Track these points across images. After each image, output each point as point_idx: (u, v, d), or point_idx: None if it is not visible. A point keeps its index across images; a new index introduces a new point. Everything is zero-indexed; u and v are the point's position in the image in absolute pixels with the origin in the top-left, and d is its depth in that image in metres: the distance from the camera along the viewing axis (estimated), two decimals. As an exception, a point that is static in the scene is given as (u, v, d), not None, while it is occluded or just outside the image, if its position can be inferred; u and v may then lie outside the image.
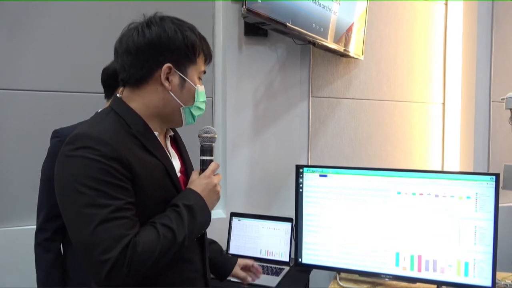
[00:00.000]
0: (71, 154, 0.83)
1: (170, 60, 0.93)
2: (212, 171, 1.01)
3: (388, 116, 2.49)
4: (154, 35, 0.92)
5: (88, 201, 0.80)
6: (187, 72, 0.96)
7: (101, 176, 0.81)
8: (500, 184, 1.51)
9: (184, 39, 0.94)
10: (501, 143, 2.48)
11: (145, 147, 0.92)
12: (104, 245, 0.78)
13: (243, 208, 2.10)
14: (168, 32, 0.93)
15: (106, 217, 0.79)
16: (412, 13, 2.53)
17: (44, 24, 1.80)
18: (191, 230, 0.90)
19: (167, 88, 0.94)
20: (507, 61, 2.52)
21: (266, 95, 2.16)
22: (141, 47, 0.93)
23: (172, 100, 0.96)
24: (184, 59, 0.95)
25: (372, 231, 1.66)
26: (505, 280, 1.64)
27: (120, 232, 0.80)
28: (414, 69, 2.56)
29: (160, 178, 0.93)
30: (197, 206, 0.93)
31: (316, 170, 1.76)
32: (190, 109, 0.98)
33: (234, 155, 2.12)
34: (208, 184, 0.98)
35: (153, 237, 0.84)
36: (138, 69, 0.94)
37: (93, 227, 0.78)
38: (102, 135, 0.85)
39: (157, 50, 0.93)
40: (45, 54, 1.80)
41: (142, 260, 0.81)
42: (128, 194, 0.84)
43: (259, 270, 1.38)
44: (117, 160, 0.83)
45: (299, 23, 1.82)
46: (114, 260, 0.77)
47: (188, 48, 0.94)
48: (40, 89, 1.80)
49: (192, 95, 0.98)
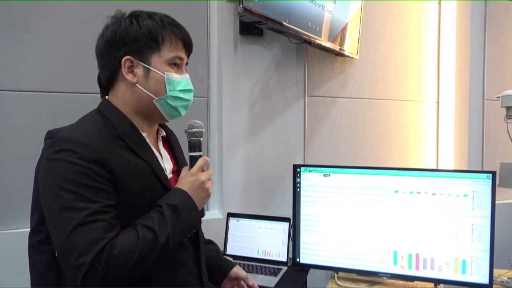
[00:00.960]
0: (52, 158, 0.83)
1: (129, 52, 0.92)
2: (199, 167, 0.98)
3: (383, 115, 2.49)
4: (109, 33, 0.93)
5: (66, 204, 0.79)
6: (150, 61, 0.93)
7: (79, 179, 0.80)
8: (496, 182, 1.52)
9: (140, 28, 0.91)
10: (494, 141, 2.50)
11: (131, 148, 0.90)
12: (80, 249, 0.77)
13: (240, 208, 2.09)
14: (122, 26, 0.92)
15: (82, 221, 0.78)
16: (406, 12, 2.54)
17: (41, 25, 1.77)
18: (176, 231, 0.88)
19: (132, 81, 0.92)
20: (500, 59, 2.54)
21: (262, 94, 2.15)
22: (101, 48, 0.94)
23: (142, 93, 0.93)
24: (145, 48, 0.92)
25: (369, 230, 1.66)
26: (501, 277, 1.65)
27: (96, 235, 0.78)
28: (408, 68, 2.57)
29: (146, 179, 0.91)
30: (183, 205, 0.91)
31: (313, 170, 1.76)
32: (165, 100, 0.95)
33: (230, 155, 2.10)
34: (195, 182, 0.95)
35: (131, 238, 0.82)
36: (105, 70, 0.95)
37: (69, 231, 0.77)
38: (83, 137, 0.84)
39: (114, 46, 0.92)
40: (43, 55, 1.78)
41: (119, 263, 0.79)
42: (107, 196, 0.83)
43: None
44: (96, 163, 0.82)
45: (295, 22, 1.82)
46: (89, 264, 0.76)
47: (145, 36, 0.91)
48: (38, 90, 1.78)
49: (161, 84, 0.94)
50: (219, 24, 2.08)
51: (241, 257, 1.90)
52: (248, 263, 1.86)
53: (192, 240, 1.02)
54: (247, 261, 1.88)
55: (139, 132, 0.95)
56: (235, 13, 2.03)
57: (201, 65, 2.12)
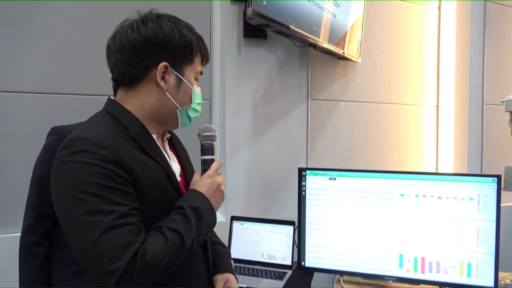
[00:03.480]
0: (68, 160, 0.79)
1: (166, 59, 0.90)
2: (215, 170, 0.98)
3: (384, 118, 2.51)
4: (150, 32, 0.89)
5: (90, 208, 0.76)
6: (184, 72, 0.93)
7: (101, 180, 0.77)
8: (501, 186, 1.53)
9: (181, 38, 0.91)
10: (494, 145, 2.53)
11: (144, 150, 0.88)
12: (111, 254, 0.74)
13: (243, 212, 2.08)
14: (164, 30, 0.90)
15: (110, 224, 0.75)
16: (407, 17, 2.57)
17: (42, 26, 1.74)
18: (199, 233, 0.87)
19: (163, 88, 0.91)
20: (499, 64, 2.58)
21: (265, 97, 2.15)
22: (136, 45, 0.89)
23: (168, 101, 0.92)
24: (181, 58, 0.92)
25: (375, 233, 1.66)
26: (504, 280, 1.66)
27: (127, 239, 0.76)
28: (409, 72, 2.59)
29: (161, 182, 0.89)
30: (203, 208, 0.90)
31: (319, 173, 1.76)
32: (187, 111, 0.95)
33: (233, 158, 2.09)
34: (212, 184, 0.94)
35: (161, 243, 0.80)
36: (132, 67, 0.90)
37: (98, 236, 0.74)
38: (99, 137, 0.81)
39: (153, 48, 0.89)
40: (44, 56, 1.75)
41: (152, 268, 0.77)
42: (131, 199, 0.81)
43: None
44: (116, 164, 0.79)
45: (300, 25, 1.82)
46: (123, 270, 0.73)
47: (185, 47, 0.91)
48: (39, 91, 1.75)
49: (189, 96, 0.95)
50: (223, 27, 2.07)
51: (245, 261, 1.88)
52: (253, 267, 1.85)
53: (202, 245, 1.00)
54: (252, 264, 1.87)
55: (149, 133, 0.93)
56: (239, 15, 2.03)
57: (204, 67, 2.10)
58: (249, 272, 1.80)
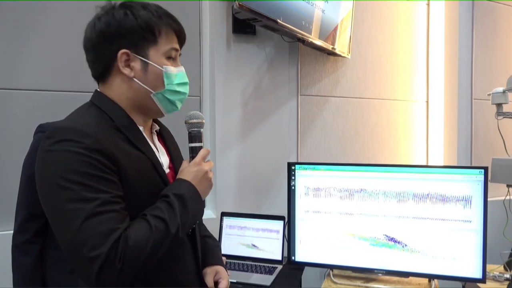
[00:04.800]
0: (51, 148, 0.78)
1: (125, 45, 0.88)
2: (202, 157, 0.96)
3: (374, 114, 2.52)
4: (103, 25, 0.88)
5: (73, 196, 0.75)
6: (148, 54, 0.90)
7: (85, 169, 0.76)
8: (488, 178, 1.54)
9: (136, 20, 0.88)
10: (482, 138, 2.55)
11: (130, 140, 0.88)
12: (93, 241, 0.73)
13: (234, 208, 2.08)
14: (116, 18, 0.88)
15: (92, 212, 0.74)
16: (396, 13, 2.58)
17: (39, 23, 1.75)
18: (184, 221, 0.86)
19: (129, 76, 0.90)
20: (487, 59, 2.60)
21: (254, 93, 2.15)
22: (94, 41, 0.89)
23: (139, 88, 0.91)
24: (142, 41, 0.89)
25: (364, 227, 1.67)
26: (493, 272, 1.67)
27: (109, 226, 0.75)
28: (398, 68, 2.60)
29: (147, 172, 0.89)
30: (189, 195, 0.89)
31: (308, 167, 1.76)
32: (163, 94, 0.92)
33: (223, 154, 2.09)
34: (198, 172, 0.93)
35: (145, 229, 0.79)
36: (98, 63, 0.91)
37: (80, 223, 0.74)
38: (83, 127, 0.81)
39: (109, 39, 0.88)
40: (42, 53, 1.75)
41: (135, 254, 0.77)
42: (115, 187, 0.80)
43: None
44: (100, 152, 0.79)
45: (289, 20, 1.82)
46: (104, 256, 0.73)
47: (142, 29, 0.88)
48: (37, 89, 1.75)
49: (159, 78, 0.91)
50: (212, 23, 2.07)
51: (236, 257, 1.88)
52: (243, 262, 1.84)
53: (190, 236, 1.00)
54: (242, 260, 1.86)
55: (136, 125, 0.93)
56: (227, 11, 2.03)
57: (193, 64, 2.11)
58: (239, 267, 1.80)
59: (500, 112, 1.68)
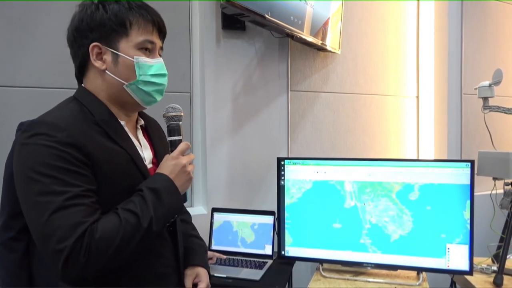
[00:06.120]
0: (26, 142, 0.80)
1: (96, 39, 0.90)
2: (180, 151, 0.96)
3: (365, 109, 2.53)
4: (76, 21, 0.91)
5: (43, 188, 0.76)
6: (118, 46, 0.91)
7: (56, 162, 0.78)
8: (475, 171, 1.56)
9: (106, 13, 0.89)
10: (472, 133, 2.57)
11: (109, 135, 0.88)
12: (59, 234, 0.75)
13: (224, 203, 2.08)
14: (88, 12, 0.90)
15: (61, 205, 0.76)
16: (386, 9, 2.59)
17: (39, 21, 1.75)
18: (159, 214, 0.86)
19: (100, 68, 0.91)
20: (476, 55, 2.62)
21: (245, 89, 2.15)
22: (70, 37, 0.93)
23: (111, 80, 0.92)
24: (113, 34, 0.90)
25: (353, 221, 1.68)
26: (481, 265, 1.69)
27: (76, 219, 0.76)
28: (389, 64, 2.61)
29: (124, 166, 0.89)
30: (164, 188, 0.89)
31: (297, 162, 1.76)
32: (136, 85, 0.92)
33: (214, 150, 2.09)
34: (176, 166, 0.93)
35: (113, 222, 0.80)
36: (76, 58, 0.94)
37: (48, 216, 0.75)
38: (58, 121, 0.82)
39: (82, 34, 0.91)
40: (41, 51, 1.75)
41: (102, 248, 0.77)
42: (86, 180, 0.81)
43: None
44: (73, 146, 0.80)
45: (277, 15, 1.82)
46: (69, 249, 0.74)
47: (112, 21, 0.90)
48: (36, 86, 1.76)
49: (131, 69, 0.91)
50: (201, 19, 2.07)
51: (226, 252, 1.89)
52: (234, 258, 1.85)
53: (171, 231, 1.01)
54: (233, 255, 1.87)
55: (117, 119, 0.93)
56: (217, 7, 2.02)
57: (183, 60, 2.10)
58: (229, 262, 1.80)
59: (487, 106, 1.69)
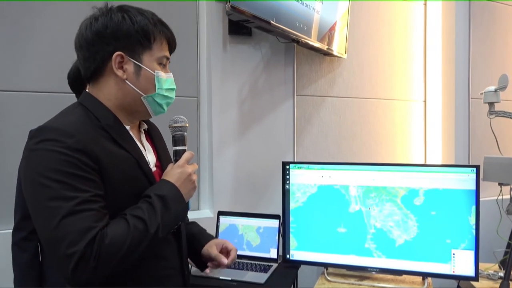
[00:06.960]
0: (35, 148, 0.81)
1: (120, 48, 0.91)
2: (186, 160, 0.99)
3: (371, 113, 2.53)
4: (100, 26, 0.91)
5: (53, 194, 0.78)
6: (142, 58, 0.93)
7: (65, 168, 0.79)
8: (480, 176, 1.55)
9: (133, 25, 0.91)
10: (480, 138, 2.55)
11: (115, 140, 0.90)
12: (70, 239, 0.76)
13: (230, 207, 2.10)
14: (114, 20, 0.91)
15: (71, 210, 0.77)
16: (393, 13, 2.59)
17: (39, 25, 1.78)
18: (165, 221, 0.88)
19: (121, 78, 0.92)
20: (484, 58, 2.60)
21: (251, 94, 2.17)
22: (89, 40, 0.92)
23: (130, 90, 0.94)
24: (137, 46, 0.92)
25: (359, 226, 1.68)
26: (487, 271, 1.68)
27: (87, 224, 0.77)
28: (396, 68, 2.61)
29: (130, 171, 0.91)
30: (171, 196, 0.91)
31: (302, 167, 1.78)
32: (153, 97, 0.96)
33: (220, 154, 2.11)
34: (182, 174, 0.96)
35: (122, 228, 0.81)
36: (91, 62, 0.93)
37: (58, 221, 0.76)
38: (66, 126, 0.83)
39: (105, 40, 0.91)
40: (42, 55, 1.79)
41: (111, 253, 0.79)
42: (95, 186, 0.82)
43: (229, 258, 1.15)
44: (82, 152, 0.81)
45: (282, 21, 1.84)
46: (80, 254, 0.75)
47: (139, 34, 0.92)
48: (37, 90, 1.79)
49: (151, 82, 0.94)
50: (208, 24, 2.10)
51: (231, 255, 1.90)
52: (239, 261, 1.86)
53: (175, 233, 1.02)
54: (238, 258, 1.88)
55: (122, 124, 0.95)
56: (224, 13, 2.05)
57: (190, 65, 2.13)
58: (235, 265, 1.81)
59: (492, 111, 1.69)
